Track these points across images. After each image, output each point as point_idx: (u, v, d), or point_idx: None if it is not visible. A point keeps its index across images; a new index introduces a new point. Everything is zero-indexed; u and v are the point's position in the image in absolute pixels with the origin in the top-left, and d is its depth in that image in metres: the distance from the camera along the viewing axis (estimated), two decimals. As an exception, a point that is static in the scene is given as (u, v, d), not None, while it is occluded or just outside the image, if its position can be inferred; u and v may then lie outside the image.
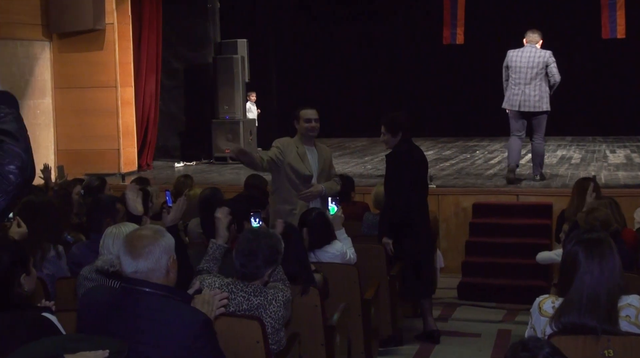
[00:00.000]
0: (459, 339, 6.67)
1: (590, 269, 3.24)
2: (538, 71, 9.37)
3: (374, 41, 17.35)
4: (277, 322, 3.79)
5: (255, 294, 3.80)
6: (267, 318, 3.75)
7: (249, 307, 3.77)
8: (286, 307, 3.84)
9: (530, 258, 7.76)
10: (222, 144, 13.14)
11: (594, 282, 3.22)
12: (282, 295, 3.83)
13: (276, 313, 3.78)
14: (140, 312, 3.00)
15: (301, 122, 6.41)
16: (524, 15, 15.80)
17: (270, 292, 3.82)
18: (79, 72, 11.69)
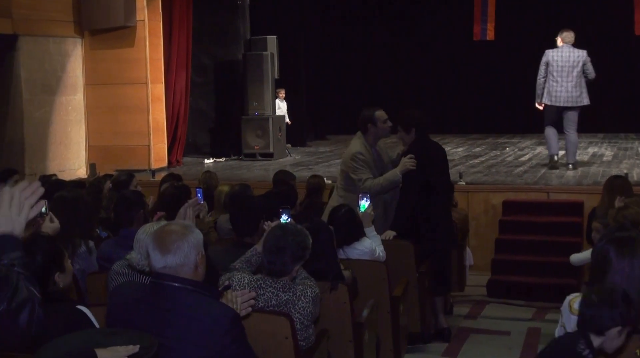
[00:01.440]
0: (488, 337, 6.64)
1: (621, 268, 3.21)
2: (578, 69, 10.05)
3: (404, 37, 17.27)
4: (306, 318, 3.80)
5: (284, 290, 3.81)
6: (296, 314, 3.76)
7: (278, 302, 3.78)
8: (315, 303, 3.85)
9: (561, 256, 7.74)
10: (252, 141, 13.18)
11: (624, 280, 3.19)
12: (310, 291, 3.83)
13: (305, 309, 3.78)
14: (169, 306, 3.02)
15: (379, 124, 6.35)
16: (555, 12, 15.68)
17: (299, 288, 3.83)
18: (110, 68, 11.78)
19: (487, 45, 16.20)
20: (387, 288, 5.25)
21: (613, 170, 10.25)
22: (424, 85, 17.03)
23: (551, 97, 10.10)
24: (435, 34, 16.93)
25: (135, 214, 5.10)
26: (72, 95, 11.70)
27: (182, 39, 12.88)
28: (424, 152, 6.27)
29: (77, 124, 11.80)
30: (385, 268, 5.26)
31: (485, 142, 15.00)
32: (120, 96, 11.82)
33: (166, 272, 3.05)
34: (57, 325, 3.02)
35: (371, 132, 6.34)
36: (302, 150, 14.59)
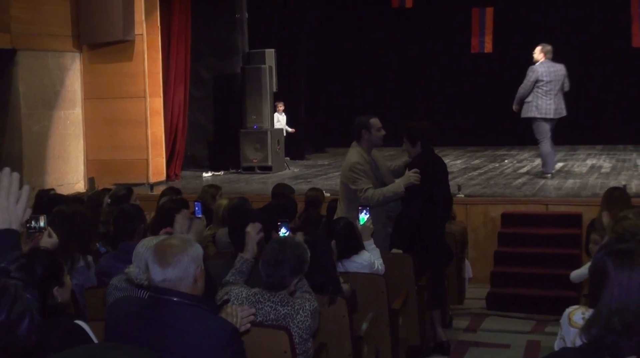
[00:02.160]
0: (488, 350, 6.62)
1: (619, 280, 3.20)
2: (561, 82, 10.44)
3: (402, 50, 17.33)
4: (304, 332, 3.79)
5: (282, 304, 3.80)
6: (295, 328, 3.75)
7: (276, 316, 3.77)
8: (314, 317, 3.84)
9: (560, 269, 7.74)
10: (250, 154, 13.18)
11: (623, 293, 3.18)
12: (309, 305, 3.82)
13: (304, 323, 3.77)
14: (168, 320, 3.01)
15: (373, 131, 6.42)
16: (553, 24, 15.74)
17: (297, 301, 3.82)
18: (109, 82, 11.80)
19: (484, 57, 16.26)
20: (386, 301, 5.24)
21: (611, 181, 10.26)
22: (422, 98, 17.05)
23: (541, 111, 10.31)
24: (434, 47, 16.98)
25: (136, 228, 5.10)
26: (71, 109, 11.71)
27: (181, 53, 12.92)
28: (429, 166, 6.30)
29: (75, 138, 11.81)
30: (384, 281, 5.25)
31: (484, 154, 15.01)
32: (118, 110, 11.83)
33: (165, 286, 3.04)
34: (55, 340, 3.01)
35: (365, 138, 6.37)
36: (301, 163, 14.59)
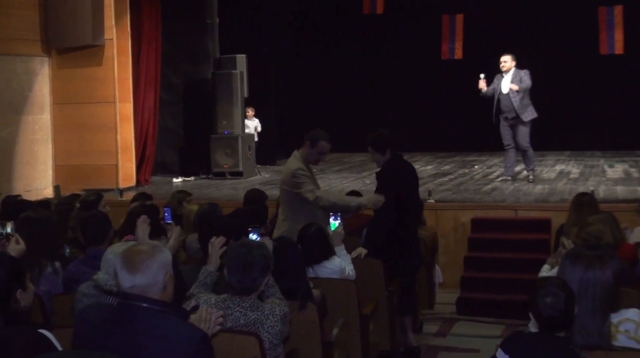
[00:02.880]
0: (458, 355, 6.65)
1: (581, 287, 3.24)
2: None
3: (373, 56, 17.38)
4: (274, 337, 3.77)
5: (252, 309, 3.78)
6: (265, 333, 3.74)
7: (246, 322, 3.75)
8: (284, 322, 3.83)
9: (529, 273, 7.76)
10: (221, 159, 13.14)
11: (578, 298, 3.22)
12: (279, 310, 3.81)
13: (273, 327, 3.76)
14: (138, 327, 2.99)
15: (315, 151, 6.31)
16: (522, 31, 15.88)
17: (267, 306, 3.81)
18: (78, 87, 11.71)
19: (455, 64, 16.36)
20: (357, 306, 5.24)
21: (580, 187, 10.37)
22: (393, 104, 17.12)
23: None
24: (404, 53, 17.05)
25: (104, 234, 5.06)
26: (39, 114, 11.60)
27: (151, 58, 12.85)
28: (399, 171, 6.31)
29: (44, 143, 11.69)
30: (355, 287, 5.25)
31: (454, 160, 15.09)
32: (88, 115, 11.74)
33: (134, 292, 3.02)
34: (17, 350, 2.97)
35: (305, 151, 6.31)
36: (272, 168, 14.57)
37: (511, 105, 10.69)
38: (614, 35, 14.83)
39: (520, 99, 10.66)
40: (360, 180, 12.10)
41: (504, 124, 10.89)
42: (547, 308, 3.06)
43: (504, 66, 10.74)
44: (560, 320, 3.05)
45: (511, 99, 10.68)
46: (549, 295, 3.08)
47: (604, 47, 14.98)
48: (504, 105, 10.76)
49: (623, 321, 3.24)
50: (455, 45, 16.06)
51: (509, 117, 10.78)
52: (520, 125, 10.74)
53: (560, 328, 3.06)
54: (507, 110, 10.75)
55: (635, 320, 3.25)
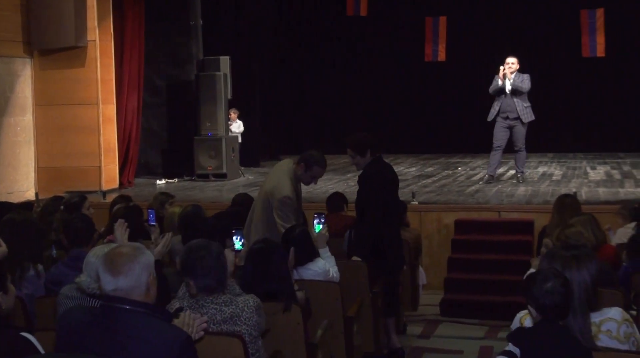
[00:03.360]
0: (442, 356, 6.67)
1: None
2: None
3: (357, 58, 17.42)
4: (253, 329, 3.79)
5: (226, 304, 3.79)
6: (243, 326, 3.75)
7: (223, 317, 3.76)
8: (259, 313, 3.84)
9: (512, 275, 7.82)
10: (205, 161, 13.11)
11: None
12: (252, 302, 3.83)
13: (250, 319, 3.77)
14: (121, 329, 2.98)
15: (308, 174, 6.16)
16: (505, 33, 15.97)
17: (240, 300, 3.83)
18: (60, 89, 11.65)
19: (438, 66, 16.42)
20: (341, 308, 5.24)
21: (562, 189, 10.42)
22: (377, 106, 17.16)
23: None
24: (387, 55, 17.10)
25: (87, 236, 5.03)
26: (21, 116, 11.53)
27: (134, 60, 12.81)
28: (381, 173, 6.30)
29: (26, 145, 11.62)
30: (339, 289, 5.25)
31: (438, 162, 15.13)
32: (70, 117, 11.67)
33: (117, 295, 3.02)
34: (0, 353, 2.95)
35: (299, 170, 6.15)
36: (256, 170, 14.55)
37: (514, 106, 10.80)
38: (596, 38, 14.97)
39: (522, 101, 10.78)
40: (344, 182, 12.12)
41: (501, 124, 10.93)
42: (548, 296, 3.09)
43: (511, 67, 10.77)
44: (562, 306, 3.07)
45: (514, 100, 10.77)
46: (548, 281, 3.11)
47: (586, 49, 15.10)
48: (507, 105, 10.83)
49: (605, 321, 3.26)
50: (438, 47, 16.14)
51: (510, 117, 10.85)
52: (520, 125, 10.86)
53: (562, 315, 3.09)
54: (509, 110, 10.84)
55: (617, 319, 3.27)
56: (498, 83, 10.79)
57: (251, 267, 4.46)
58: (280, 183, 6.11)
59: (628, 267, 5.42)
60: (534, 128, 11.29)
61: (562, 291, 3.09)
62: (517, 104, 10.77)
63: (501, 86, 10.77)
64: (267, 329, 4.24)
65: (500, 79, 10.77)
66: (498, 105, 10.89)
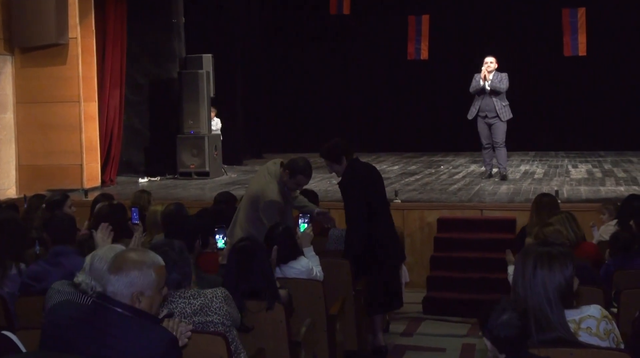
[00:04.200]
0: (424, 354, 6.69)
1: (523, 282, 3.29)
2: None
3: (340, 56, 17.43)
4: (225, 318, 3.80)
5: (194, 297, 3.81)
6: (214, 315, 3.77)
7: (193, 310, 3.77)
8: (228, 303, 3.86)
9: (494, 273, 7.86)
10: (187, 159, 13.08)
11: (527, 296, 3.27)
12: (220, 292, 3.86)
13: (220, 309, 3.80)
14: (108, 328, 2.99)
15: (292, 181, 6.17)
16: (488, 32, 16.02)
17: (208, 291, 3.85)
18: (42, 86, 11.57)
19: (421, 64, 16.46)
20: (324, 306, 5.25)
21: (544, 187, 10.48)
22: (359, 104, 17.18)
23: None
24: (370, 54, 17.12)
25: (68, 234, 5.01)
26: (2, 113, 11.45)
27: (116, 57, 12.75)
28: (360, 176, 6.29)
29: (7, 143, 11.54)
30: (322, 287, 5.26)
31: (420, 160, 15.17)
32: (52, 114, 11.60)
33: (110, 296, 3.03)
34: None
35: (284, 176, 6.16)
36: (238, 168, 14.53)
37: (492, 106, 10.97)
38: (578, 37, 15.05)
39: (500, 100, 10.89)
40: (327, 180, 12.11)
41: (482, 122, 11.10)
42: (503, 328, 3.06)
43: (489, 66, 10.88)
44: (517, 341, 3.04)
45: (493, 100, 10.90)
46: (504, 313, 3.08)
47: (568, 49, 15.19)
48: (486, 105, 10.98)
49: (585, 318, 3.27)
50: (421, 45, 16.18)
51: (489, 116, 11.01)
52: (499, 122, 11.01)
53: (517, 350, 3.05)
54: (488, 109, 10.99)
55: (596, 316, 3.28)
56: (479, 83, 10.91)
57: (235, 265, 4.47)
58: (267, 187, 6.16)
59: (610, 264, 5.46)
60: (515, 126, 11.37)
61: (518, 325, 3.04)
62: (495, 103, 10.94)
63: (481, 86, 10.90)
64: (251, 327, 4.25)
65: (481, 79, 10.88)
66: (478, 104, 11.07)
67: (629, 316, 4.30)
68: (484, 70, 10.90)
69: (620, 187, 10.60)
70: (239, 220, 6.24)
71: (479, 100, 11.04)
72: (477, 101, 11.07)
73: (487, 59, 11.00)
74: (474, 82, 11.04)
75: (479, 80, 10.92)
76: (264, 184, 6.20)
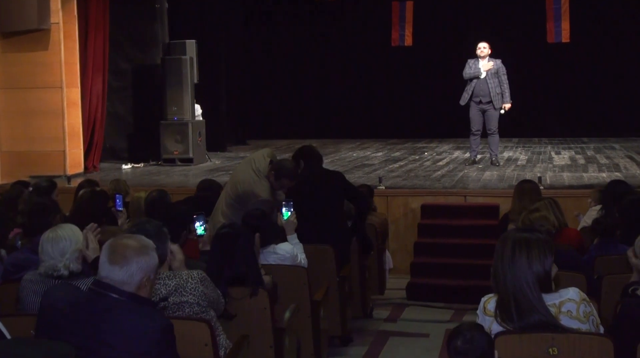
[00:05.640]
0: (408, 339, 6.71)
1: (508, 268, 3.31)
2: None
3: (323, 43, 17.38)
4: (200, 299, 3.80)
5: (169, 278, 3.81)
6: (189, 295, 3.77)
7: (167, 291, 3.77)
8: (205, 284, 3.84)
9: (478, 259, 7.90)
10: (171, 146, 13.03)
11: (507, 280, 3.29)
12: (196, 273, 3.85)
13: (196, 289, 3.79)
14: (104, 314, 3.00)
15: (277, 183, 6.09)
16: (471, 19, 16.04)
17: (184, 273, 3.85)
18: (24, 72, 11.47)
19: (405, 50, 16.44)
20: (308, 292, 5.26)
21: (527, 173, 10.53)
22: (343, 91, 17.16)
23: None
24: (354, 40, 17.09)
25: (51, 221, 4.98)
26: (-17, 99, 11.36)
27: (99, 43, 12.65)
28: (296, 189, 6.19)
29: (-12, 129, 11.45)
30: (306, 273, 5.27)
31: (404, 147, 15.19)
32: (34, 100, 11.51)
33: (107, 282, 3.03)
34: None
35: (270, 176, 6.09)
36: (222, 155, 14.50)
37: (487, 90, 10.93)
38: (561, 24, 15.08)
39: (495, 85, 10.88)
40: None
41: (475, 108, 11.05)
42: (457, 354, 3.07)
43: (482, 52, 10.91)
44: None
45: (488, 84, 10.87)
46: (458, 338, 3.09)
47: (551, 35, 15.22)
48: (480, 89, 10.94)
49: (565, 302, 3.29)
50: (405, 32, 16.15)
51: (483, 101, 10.97)
52: (492, 109, 10.99)
53: None
54: (482, 94, 10.95)
55: (575, 299, 3.31)
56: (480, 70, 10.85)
57: (218, 252, 4.46)
58: (259, 186, 6.06)
59: (592, 250, 5.49)
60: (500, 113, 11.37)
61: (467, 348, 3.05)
62: (490, 88, 10.86)
63: (475, 72, 10.85)
64: (234, 314, 4.26)
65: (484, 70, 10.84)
66: (471, 89, 10.98)
67: (611, 302, 4.34)
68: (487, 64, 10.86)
69: (603, 173, 10.66)
70: (221, 208, 6.21)
71: (472, 85, 10.97)
72: (470, 86, 10.99)
73: (481, 44, 11.00)
74: (468, 68, 10.97)
75: (479, 68, 10.85)
76: (253, 182, 6.10)
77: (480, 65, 10.91)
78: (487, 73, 10.87)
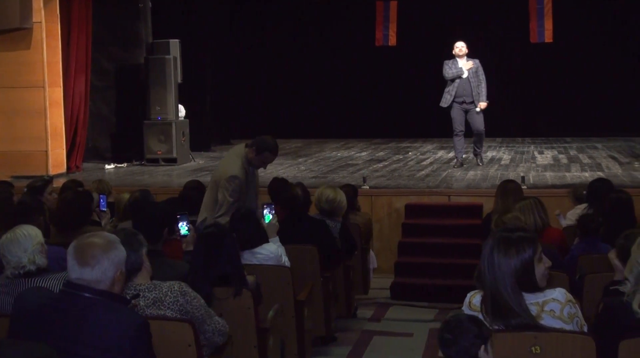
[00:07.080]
0: (392, 339, 6.72)
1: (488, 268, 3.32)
2: None
3: (307, 42, 17.38)
4: (179, 313, 3.74)
5: (149, 290, 3.75)
6: (167, 310, 3.70)
7: (146, 303, 3.71)
8: (185, 297, 3.75)
9: (462, 258, 7.93)
10: (154, 146, 12.98)
11: (490, 279, 3.30)
12: (177, 286, 3.78)
13: (175, 303, 3.72)
14: (78, 314, 2.99)
15: (259, 158, 6.24)
16: (455, 19, 16.08)
17: (165, 285, 3.77)
18: (5, 71, 11.38)
19: (389, 50, 16.47)
20: (292, 292, 5.26)
21: (511, 173, 10.58)
22: (327, 90, 17.16)
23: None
24: (338, 39, 17.10)
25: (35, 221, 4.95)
26: (-35, 99, 11.27)
27: (82, 42, 12.57)
28: None
29: (-30, 129, 11.36)
30: (290, 273, 5.26)
31: (388, 147, 15.21)
32: (16, 100, 11.43)
33: (79, 283, 3.03)
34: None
35: (251, 154, 6.23)
36: (206, 155, 14.46)
37: (470, 90, 10.86)
38: (544, 24, 15.15)
39: (476, 85, 10.86)
40: (295, 166, 12.12)
41: (458, 109, 10.98)
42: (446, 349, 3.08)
43: (462, 50, 10.87)
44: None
45: (471, 84, 10.85)
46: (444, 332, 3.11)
47: (534, 35, 15.29)
48: (463, 89, 10.88)
49: (548, 301, 3.30)
50: (389, 32, 16.19)
51: (466, 101, 10.91)
52: (474, 112, 10.93)
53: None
54: (465, 94, 10.89)
55: (561, 300, 3.32)
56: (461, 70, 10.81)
57: (203, 252, 4.44)
58: (229, 165, 6.22)
59: (574, 249, 5.51)
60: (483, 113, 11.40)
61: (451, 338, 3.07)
62: (473, 88, 10.84)
63: (457, 72, 10.82)
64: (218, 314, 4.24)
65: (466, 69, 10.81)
66: (454, 90, 10.88)
67: (593, 300, 4.36)
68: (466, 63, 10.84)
69: (585, 173, 10.72)
70: (205, 204, 6.25)
71: (454, 86, 10.88)
72: (451, 87, 10.90)
73: (458, 43, 10.97)
74: (448, 68, 10.86)
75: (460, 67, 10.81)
76: (227, 163, 6.30)
77: (461, 64, 10.90)
78: (468, 72, 10.86)
